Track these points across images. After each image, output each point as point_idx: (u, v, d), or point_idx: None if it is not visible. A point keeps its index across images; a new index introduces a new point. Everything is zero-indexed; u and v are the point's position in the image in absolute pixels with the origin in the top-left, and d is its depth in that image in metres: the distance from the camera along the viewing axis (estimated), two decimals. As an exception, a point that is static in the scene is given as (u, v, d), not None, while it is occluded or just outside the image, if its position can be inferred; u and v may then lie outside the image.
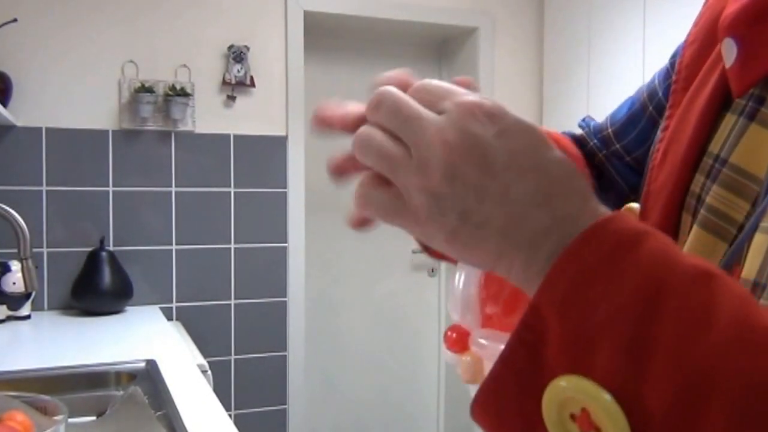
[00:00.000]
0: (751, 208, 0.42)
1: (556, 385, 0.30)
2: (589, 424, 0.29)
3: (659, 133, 0.53)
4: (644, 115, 0.62)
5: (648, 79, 0.64)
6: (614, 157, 0.67)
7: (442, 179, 0.32)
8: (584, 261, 0.30)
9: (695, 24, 0.53)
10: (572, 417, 0.30)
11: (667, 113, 0.53)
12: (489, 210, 0.32)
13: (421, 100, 0.34)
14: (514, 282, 0.34)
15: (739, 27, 0.44)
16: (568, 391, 0.29)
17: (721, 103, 0.46)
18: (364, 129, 0.35)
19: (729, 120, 0.45)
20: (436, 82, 0.35)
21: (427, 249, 0.55)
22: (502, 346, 0.36)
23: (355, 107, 0.38)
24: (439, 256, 0.57)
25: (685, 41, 0.54)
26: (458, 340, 0.55)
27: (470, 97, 0.33)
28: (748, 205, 0.42)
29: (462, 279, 0.57)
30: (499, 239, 0.32)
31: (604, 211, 0.32)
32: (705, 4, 0.53)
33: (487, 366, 0.49)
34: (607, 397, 0.28)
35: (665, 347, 0.28)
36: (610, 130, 0.67)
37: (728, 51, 0.45)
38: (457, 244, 0.33)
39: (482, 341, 0.53)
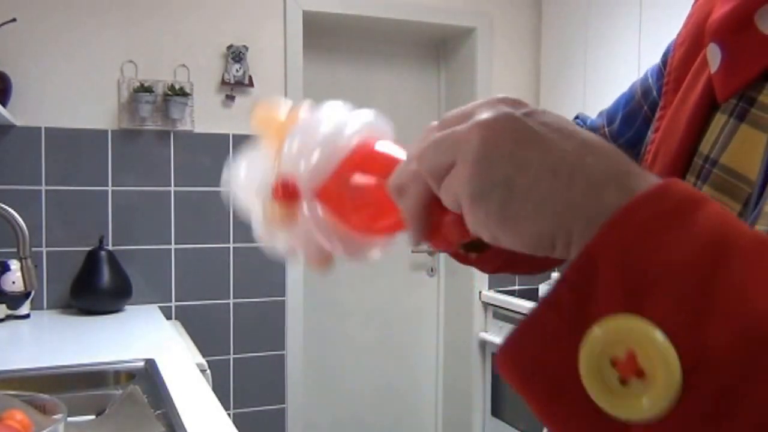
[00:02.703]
0: (743, 209, 0.42)
1: (604, 324, 0.28)
2: (633, 369, 0.28)
3: (650, 134, 0.53)
4: (640, 114, 0.62)
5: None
6: None
7: (477, 158, 0.32)
8: (650, 211, 0.29)
9: (685, 25, 0.54)
10: (613, 363, 0.28)
11: (658, 114, 0.53)
12: (534, 175, 0.31)
13: (451, 125, 0.35)
14: (576, 254, 0.32)
15: (722, 33, 0.44)
16: (615, 331, 0.28)
17: (711, 103, 0.46)
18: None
19: (719, 120, 0.45)
20: (454, 111, 0.36)
21: (464, 258, 0.55)
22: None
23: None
24: (473, 262, 0.56)
25: (675, 41, 0.54)
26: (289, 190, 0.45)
27: (493, 97, 0.35)
28: (739, 205, 0.42)
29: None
30: (552, 204, 0.31)
31: (653, 176, 0.32)
32: (694, 4, 0.53)
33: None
34: (661, 336, 0.27)
35: (729, 298, 0.27)
36: (606, 129, 0.67)
37: (713, 56, 0.45)
38: (511, 222, 0.32)
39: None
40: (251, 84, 2.65)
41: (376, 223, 0.44)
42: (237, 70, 2.62)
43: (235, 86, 2.64)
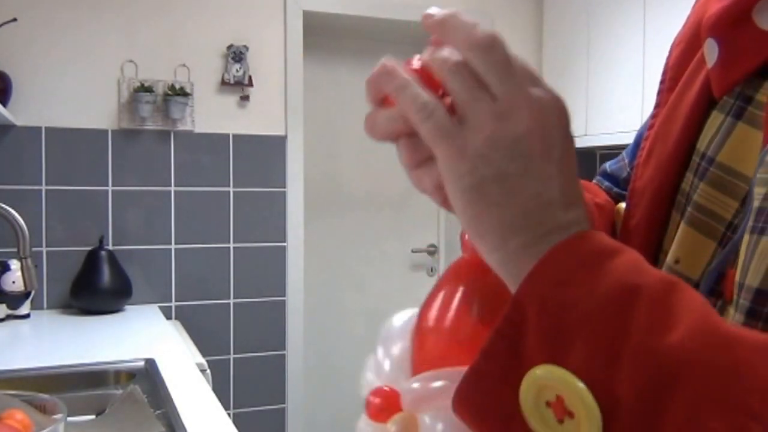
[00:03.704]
0: (740, 207, 0.42)
1: (533, 373, 0.32)
2: (563, 410, 0.31)
3: (645, 132, 0.53)
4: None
5: (648, 78, 0.64)
6: None
7: (513, 135, 0.34)
8: (566, 262, 0.33)
9: (683, 26, 0.54)
10: (548, 404, 0.31)
11: (653, 112, 0.53)
12: (526, 184, 0.34)
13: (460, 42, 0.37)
14: (496, 260, 0.35)
15: (719, 28, 0.44)
16: (544, 379, 0.31)
17: (709, 101, 0.46)
18: (460, 59, 0.36)
19: (716, 118, 0.45)
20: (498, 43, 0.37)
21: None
22: (440, 383, 0.39)
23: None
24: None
25: (673, 42, 0.54)
26: (385, 406, 0.44)
27: (522, 80, 0.35)
28: (737, 203, 0.42)
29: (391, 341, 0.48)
30: (519, 211, 0.34)
31: (587, 224, 0.35)
32: (694, 5, 0.53)
33: (422, 421, 0.40)
34: (580, 384, 0.30)
35: (635, 342, 0.30)
36: (628, 168, 0.63)
37: (710, 52, 0.45)
38: (484, 195, 0.34)
39: (415, 385, 0.42)
40: (251, 84, 2.65)
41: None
42: (237, 70, 2.62)
43: (235, 86, 2.64)
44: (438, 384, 0.40)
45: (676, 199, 0.48)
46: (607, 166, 0.69)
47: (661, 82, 0.53)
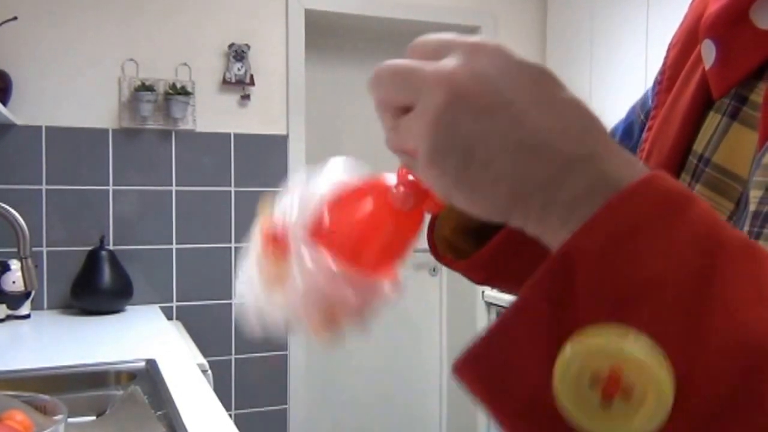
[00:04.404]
0: (735, 208, 0.42)
1: (583, 336, 0.26)
2: (617, 387, 0.25)
3: (644, 134, 0.53)
4: (638, 124, 0.63)
5: (651, 78, 0.64)
6: None
7: (441, 116, 0.30)
8: (634, 211, 0.27)
9: (680, 26, 0.54)
10: (593, 380, 0.26)
11: (651, 114, 0.53)
12: (497, 146, 0.29)
13: (422, 56, 0.33)
14: (532, 231, 0.30)
15: (717, 29, 0.44)
16: (599, 345, 0.25)
17: (705, 102, 0.46)
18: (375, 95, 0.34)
19: (713, 119, 0.45)
20: (433, 36, 0.34)
21: (434, 250, 0.53)
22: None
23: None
24: (445, 260, 0.56)
25: (670, 43, 0.54)
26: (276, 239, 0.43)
27: (473, 39, 0.32)
28: (732, 205, 0.42)
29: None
30: (510, 180, 0.30)
31: (632, 156, 0.31)
32: (691, 5, 0.53)
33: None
34: (653, 350, 0.25)
35: (722, 309, 0.25)
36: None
37: (708, 52, 0.45)
38: (465, 189, 0.30)
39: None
40: (252, 83, 2.64)
41: (373, 250, 0.42)
42: (239, 69, 2.61)
43: (236, 85, 2.63)
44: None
45: None
46: None
47: (659, 83, 0.53)
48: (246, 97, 2.66)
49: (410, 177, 0.39)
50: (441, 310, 3.32)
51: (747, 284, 0.26)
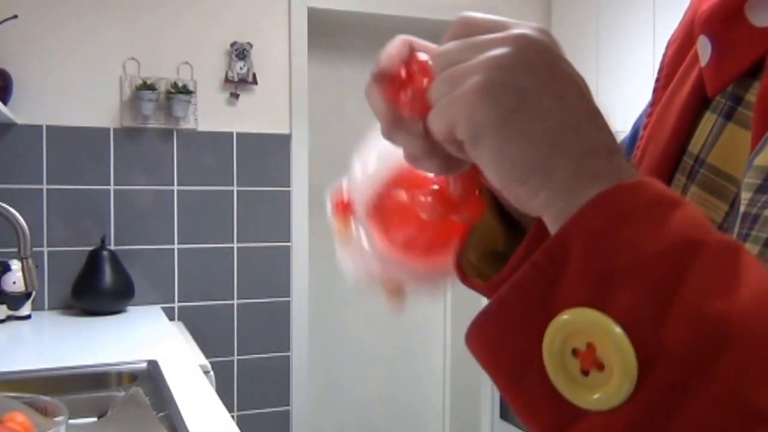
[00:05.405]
0: (729, 209, 0.42)
1: (565, 315, 0.29)
2: (593, 360, 0.29)
3: (641, 131, 0.52)
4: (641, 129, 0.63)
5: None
6: None
7: (504, 58, 0.32)
8: (628, 201, 0.30)
9: (679, 22, 0.53)
10: (574, 353, 0.29)
11: (648, 111, 0.52)
12: (548, 105, 0.32)
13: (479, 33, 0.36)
14: (538, 204, 0.32)
15: (712, 25, 0.43)
16: (577, 323, 0.29)
17: (700, 101, 0.45)
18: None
19: (709, 119, 0.44)
20: (483, 18, 0.37)
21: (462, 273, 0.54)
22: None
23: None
24: (475, 286, 0.55)
25: (670, 40, 0.54)
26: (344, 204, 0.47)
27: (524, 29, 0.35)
28: (726, 205, 0.42)
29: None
30: (551, 137, 0.32)
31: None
32: (691, 1, 0.52)
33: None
34: (618, 330, 0.28)
35: (691, 297, 0.28)
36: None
37: (703, 49, 0.44)
38: (507, 132, 0.31)
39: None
40: (255, 82, 2.63)
41: (412, 243, 0.44)
42: (241, 68, 2.60)
43: (239, 84, 2.62)
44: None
45: None
46: None
47: (657, 80, 0.52)
48: (248, 95, 2.64)
49: (435, 186, 0.40)
50: (445, 312, 3.31)
51: (721, 276, 0.29)
